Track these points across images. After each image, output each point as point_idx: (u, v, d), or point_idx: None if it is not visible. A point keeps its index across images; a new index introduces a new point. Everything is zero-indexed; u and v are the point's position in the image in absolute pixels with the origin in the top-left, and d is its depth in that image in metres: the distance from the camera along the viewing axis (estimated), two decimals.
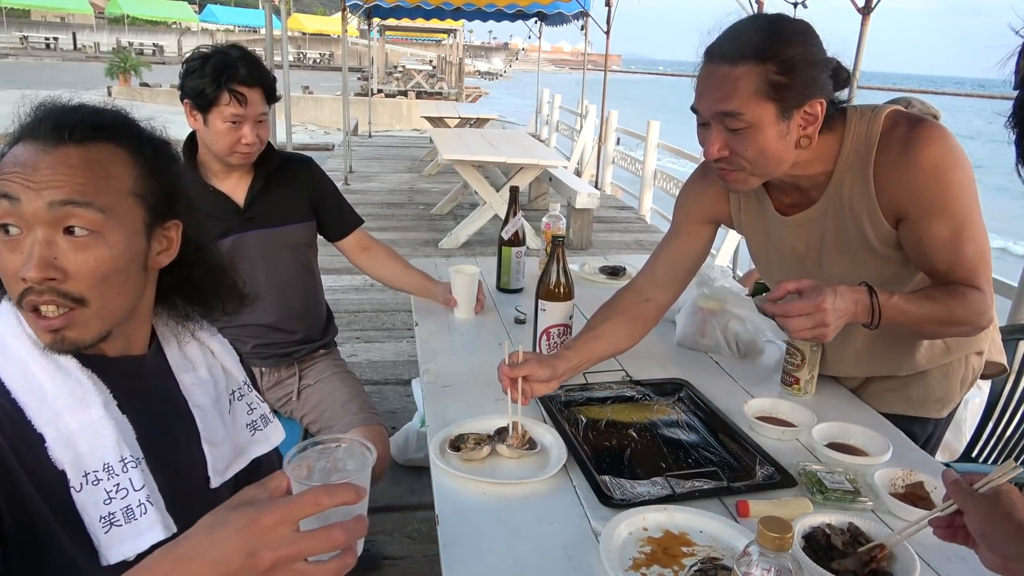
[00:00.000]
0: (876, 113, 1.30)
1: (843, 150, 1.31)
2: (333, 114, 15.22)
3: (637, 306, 1.57)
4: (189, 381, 0.99)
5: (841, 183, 1.33)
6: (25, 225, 0.80)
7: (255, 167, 1.91)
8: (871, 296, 1.24)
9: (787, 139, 1.24)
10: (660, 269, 1.59)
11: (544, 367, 1.37)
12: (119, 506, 0.82)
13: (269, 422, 1.10)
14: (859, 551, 1.00)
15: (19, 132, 0.84)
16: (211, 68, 1.73)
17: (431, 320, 1.94)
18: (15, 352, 0.83)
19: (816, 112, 1.23)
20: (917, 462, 1.30)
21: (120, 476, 0.82)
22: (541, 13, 9.55)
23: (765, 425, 1.38)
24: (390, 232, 6.18)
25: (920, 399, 1.53)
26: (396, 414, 3.14)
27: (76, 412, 0.82)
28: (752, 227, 1.54)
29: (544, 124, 12.75)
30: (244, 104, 1.76)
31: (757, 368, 1.72)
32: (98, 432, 0.82)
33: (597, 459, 1.28)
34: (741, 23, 1.26)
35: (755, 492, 1.18)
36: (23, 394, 0.81)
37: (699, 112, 1.27)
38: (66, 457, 0.80)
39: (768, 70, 1.18)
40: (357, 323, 4.23)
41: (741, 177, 1.29)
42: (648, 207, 7.74)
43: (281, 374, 2.04)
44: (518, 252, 2.13)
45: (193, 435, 0.97)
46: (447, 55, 26.68)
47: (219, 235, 1.86)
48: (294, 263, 2.01)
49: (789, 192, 1.42)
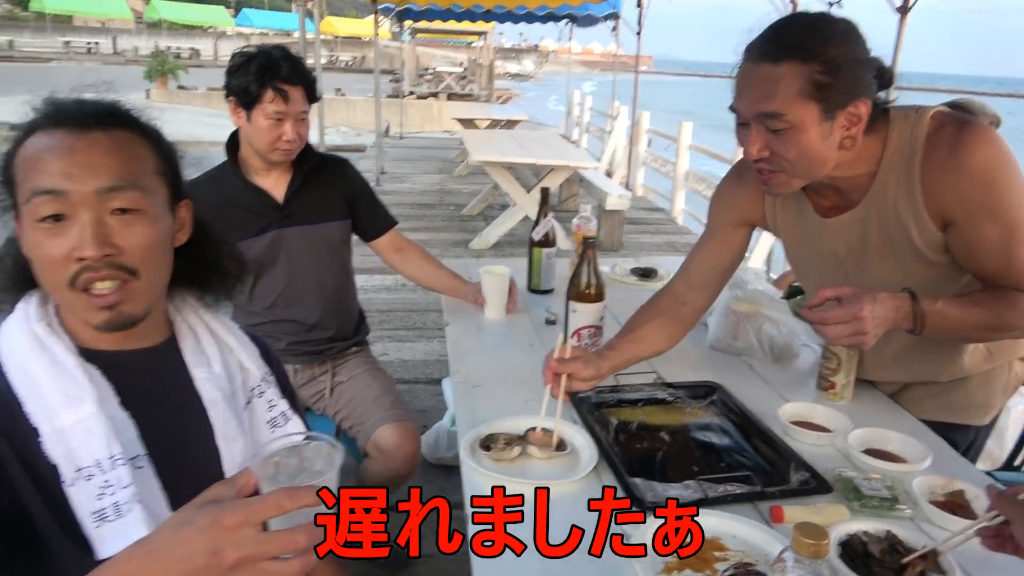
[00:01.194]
0: (921, 114, 1.27)
1: (887, 151, 1.28)
2: (365, 116, 15.33)
3: (675, 308, 1.56)
4: (202, 376, 0.99)
5: (885, 185, 1.30)
6: (72, 211, 0.83)
7: (294, 165, 1.95)
8: (913, 302, 1.21)
9: (830, 140, 1.21)
10: (695, 273, 1.58)
11: (589, 367, 1.40)
12: (109, 502, 0.83)
13: (289, 419, 1.10)
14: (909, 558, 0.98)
15: (36, 123, 0.87)
16: (256, 66, 1.78)
17: (462, 320, 1.94)
18: (17, 347, 0.86)
19: (860, 113, 1.20)
20: (957, 470, 1.26)
21: (109, 473, 0.84)
22: (571, 15, 9.52)
23: (800, 430, 1.36)
24: (421, 233, 6.21)
25: (961, 405, 1.49)
26: (427, 413, 3.15)
27: (69, 408, 0.84)
28: (789, 230, 1.51)
29: (575, 126, 12.73)
30: (286, 101, 1.80)
31: (792, 372, 1.69)
32: (89, 429, 0.84)
33: (628, 461, 1.27)
34: (784, 21, 1.24)
35: (790, 498, 1.16)
36: (22, 388, 0.84)
37: (738, 112, 1.25)
38: (59, 452, 0.82)
39: (812, 70, 1.15)
40: (388, 322, 4.26)
41: (782, 179, 1.27)
42: (680, 209, 7.69)
43: (314, 371, 2.06)
44: (548, 253, 2.12)
45: (207, 430, 0.98)
46: (478, 57, 26.75)
47: (259, 231, 1.91)
48: (330, 260, 2.04)
49: (828, 194, 1.39)
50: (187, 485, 0.91)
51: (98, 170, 0.84)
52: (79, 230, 0.83)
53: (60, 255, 0.84)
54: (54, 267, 0.84)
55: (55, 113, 0.87)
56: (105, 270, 0.85)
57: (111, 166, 0.85)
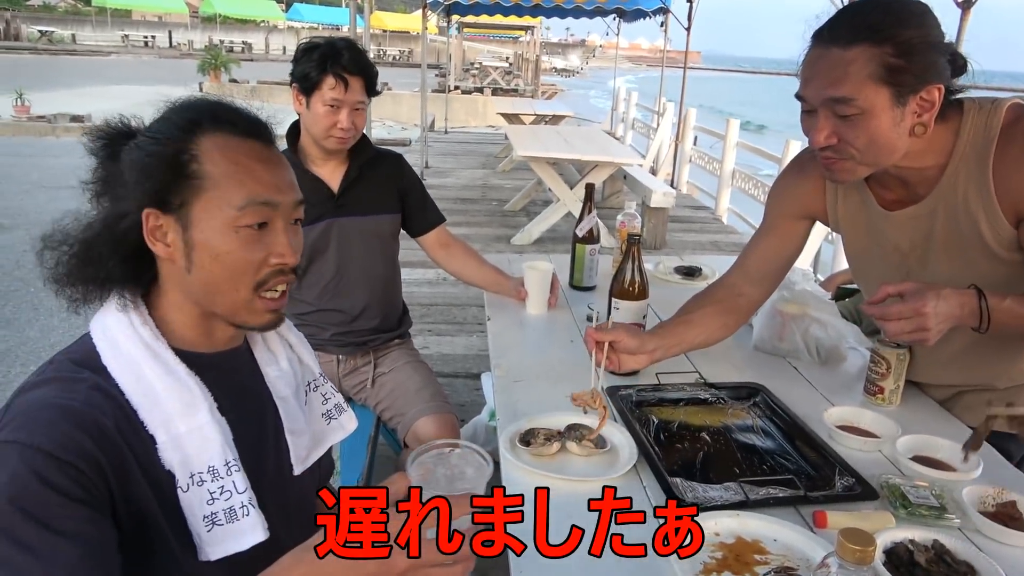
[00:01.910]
0: (996, 106, 1.22)
1: (959, 143, 1.24)
2: (411, 110, 15.45)
3: (731, 299, 1.56)
4: (273, 374, 1.03)
5: (956, 179, 1.26)
6: (273, 220, 0.90)
7: (350, 157, 1.99)
8: (980, 299, 1.18)
9: (901, 126, 1.18)
10: (752, 265, 1.56)
11: (632, 338, 1.40)
12: (221, 507, 0.86)
13: (343, 411, 1.14)
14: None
15: (206, 124, 0.88)
16: (318, 54, 1.83)
17: (503, 315, 1.95)
18: (128, 354, 0.86)
19: (933, 98, 1.17)
20: (1010, 480, 1.23)
21: (225, 479, 0.87)
22: (620, 9, 9.47)
23: (846, 435, 1.33)
24: (463, 227, 6.24)
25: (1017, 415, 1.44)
26: (465, 407, 3.18)
27: (185, 416, 0.86)
28: (851, 223, 1.47)
29: (620, 122, 12.63)
30: (345, 88, 1.83)
31: (838, 375, 1.66)
32: (205, 436, 0.86)
33: (668, 461, 1.26)
34: (856, 4, 1.21)
35: (834, 503, 1.14)
36: (136, 396, 0.84)
37: (806, 99, 1.22)
38: (175, 459, 0.84)
39: (884, 52, 1.12)
40: (429, 316, 4.30)
41: (849, 167, 1.24)
42: (725, 207, 7.57)
43: (357, 362, 2.09)
44: (592, 250, 2.12)
45: (277, 425, 1.01)
46: (524, 52, 26.73)
47: (313, 219, 1.95)
48: (380, 253, 2.08)
49: (893, 187, 1.35)
50: (266, 481, 0.95)
51: (292, 184, 0.93)
52: (282, 238, 0.91)
53: (259, 259, 0.89)
54: (249, 269, 0.89)
55: (246, 124, 0.91)
56: (290, 275, 0.93)
57: (295, 182, 0.94)
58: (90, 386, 0.82)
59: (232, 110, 0.92)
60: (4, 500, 0.72)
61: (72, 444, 0.76)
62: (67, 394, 0.80)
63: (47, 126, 11.99)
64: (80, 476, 0.75)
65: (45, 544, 0.72)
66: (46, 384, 0.82)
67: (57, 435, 0.76)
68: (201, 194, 0.87)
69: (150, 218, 0.87)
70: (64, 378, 0.83)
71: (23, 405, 0.79)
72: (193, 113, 0.90)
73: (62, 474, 0.74)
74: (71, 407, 0.79)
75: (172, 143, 0.87)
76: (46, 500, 0.73)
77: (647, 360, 1.46)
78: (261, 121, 0.94)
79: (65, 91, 17.41)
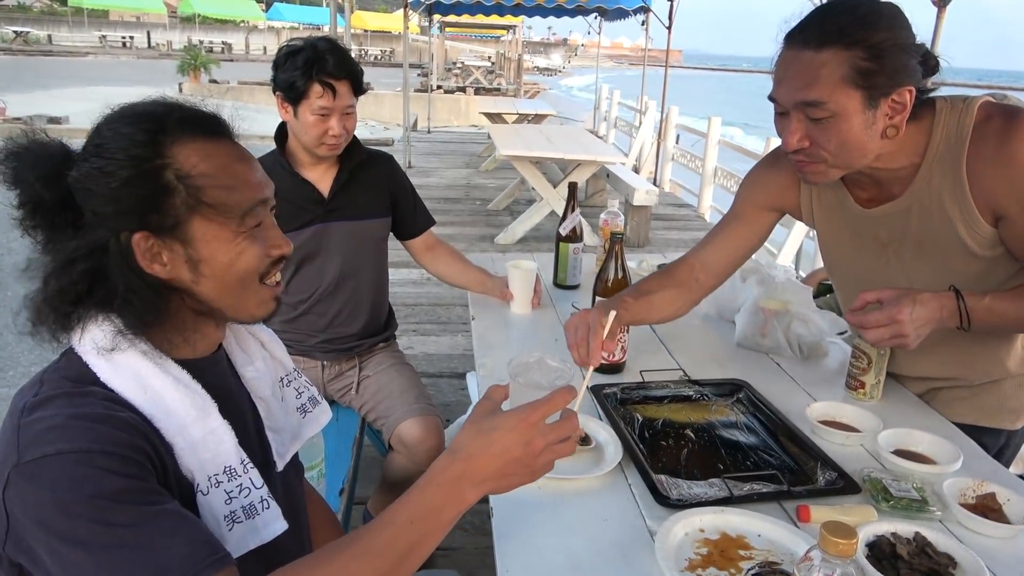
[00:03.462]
0: (968, 104, 1.23)
1: (932, 142, 1.25)
2: (393, 110, 15.40)
3: (689, 282, 1.58)
4: (250, 375, 1.02)
5: (930, 178, 1.27)
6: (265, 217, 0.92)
7: (341, 160, 1.95)
8: (959, 300, 1.19)
9: (872, 129, 1.18)
10: (712, 253, 1.58)
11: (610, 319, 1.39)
12: (239, 504, 0.86)
13: (317, 403, 1.14)
14: None
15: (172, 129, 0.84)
16: (301, 60, 1.77)
17: (488, 315, 1.95)
18: (129, 367, 0.83)
19: (905, 100, 1.17)
20: (989, 473, 1.24)
21: (242, 476, 0.87)
22: (601, 8, 9.48)
23: (828, 429, 1.34)
24: (447, 227, 6.23)
25: (993, 409, 1.46)
26: (450, 407, 3.17)
27: (199, 422, 0.85)
28: (826, 219, 1.48)
29: (602, 120, 12.66)
30: (333, 95, 1.79)
31: (820, 371, 1.67)
32: (220, 439, 0.86)
33: (653, 458, 1.27)
34: (826, 6, 1.21)
35: (817, 497, 1.15)
36: (147, 407, 0.82)
37: (778, 101, 1.23)
38: (194, 464, 0.84)
39: (855, 56, 1.12)
40: (414, 316, 4.29)
41: (821, 169, 1.25)
42: (708, 205, 7.63)
43: (342, 367, 2.08)
44: (575, 248, 2.12)
45: (258, 425, 1.01)
46: (506, 51, 26.73)
47: (302, 224, 1.91)
48: (369, 257, 2.05)
49: (867, 187, 1.36)
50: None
51: (265, 179, 0.93)
52: (275, 232, 0.93)
53: (261, 254, 0.91)
54: (256, 265, 0.90)
55: (213, 123, 0.89)
56: (282, 263, 0.95)
57: (265, 175, 0.94)
58: (101, 397, 0.80)
59: (193, 110, 0.88)
60: (85, 499, 0.70)
61: (118, 440, 0.75)
62: (85, 406, 0.77)
63: (24, 128, 11.82)
64: (138, 466, 0.75)
65: (142, 516, 0.72)
66: (51, 402, 0.77)
67: (99, 436, 0.74)
68: (195, 209, 0.83)
69: (141, 242, 0.82)
70: (70, 392, 0.79)
71: (40, 424, 0.75)
72: (151, 122, 0.83)
73: (122, 463, 0.74)
74: (97, 413, 0.76)
75: (144, 161, 0.81)
76: (123, 487, 0.73)
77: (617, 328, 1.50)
78: (220, 117, 0.91)
79: (42, 92, 17.17)
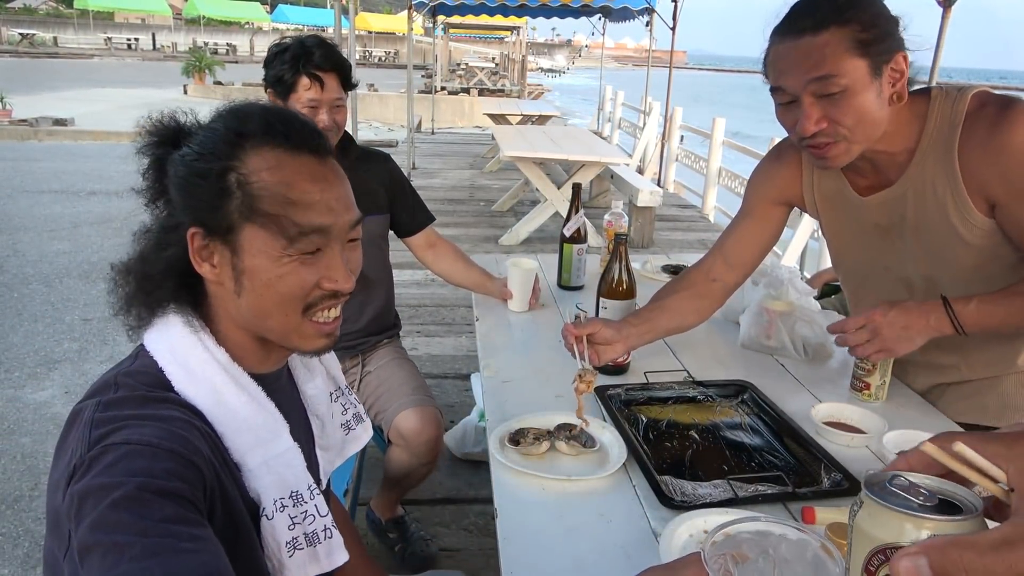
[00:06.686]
0: (962, 93, 1.26)
1: (926, 128, 1.28)
2: (397, 111, 15.42)
3: (704, 284, 1.57)
4: (311, 392, 1.01)
5: (924, 163, 1.29)
6: (327, 244, 0.84)
7: (337, 157, 1.95)
8: (946, 307, 1.20)
9: (881, 98, 1.22)
10: (730, 250, 1.58)
11: (607, 328, 1.42)
12: (301, 531, 0.83)
13: (361, 420, 1.11)
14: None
15: (256, 134, 0.82)
16: (289, 56, 1.81)
17: (492, 316, 1.95)
18: (207, 379, 0.81)
19: (901, 67, 1.22)
20: None
21: (308, 503, 0.84)
22: (606, 8, 9.48)
23: (833, 431, 1.34)
24: (451, 228, 6.24)
25: (996, 408, 1.46)
26: (455, 408, 3.17)
27: (271, 443, 0.83)
28: (828, 205, 1.50)
29: (606, 121, 12.66)
30: (321, 88, 1.81)
31: (825, 372, 1.67)
32: (289, 463, 0.84)
33: (657, 459, 1.26)
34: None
35: (822, 499, 1.14)
36: (220, 423, 0.80)
37: (785, 89, 1.24)
38: (261, 486, 0.81)
39: (853, 30, 1.17)
40: (418, 317, 4.29)
41: (843, 148, 1.25)
42: (712, 205, 7.61)
43: (346, 365, 2.08)
44: (579, 249, 2.12)
45: (311, 441, 0.99)
46: (510, 52, 26.73)
47: None
48: (371, 255, 2.04)
49: (866, 173, 1.38)
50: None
51: (348, 202, 0.86)
52: (336, 263, 0.84)
53: (311, 283, 0.83)
54: (300, 294, 0.83)
55: (299, 136, 0.83)
56: (341, 298, 0.86)
57: (351, 197, 0.87)
58: (177, 404, 0.77)
59: (285, 119, 0.84)
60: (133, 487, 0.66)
61: (185, 442, 0.72)
62: (161, 408, 0.75)
63: (29, 130, 11.87)
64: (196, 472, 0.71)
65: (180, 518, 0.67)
66: (125, 402, 0.75)
67: (170, 435, 0.71)
68: (249, 220, 0.80)
69: (195, 238, 0.81)
70: (146, 396, 0.76)
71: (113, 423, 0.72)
72: (241, 123, 0.82)
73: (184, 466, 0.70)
74: (172, 416, 0.74)
75: (217, 160, 0.80)
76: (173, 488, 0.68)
77: (623, 347, 1.46)
78: (316, 131, 0.86)
79: (48, 94, 17.24)
